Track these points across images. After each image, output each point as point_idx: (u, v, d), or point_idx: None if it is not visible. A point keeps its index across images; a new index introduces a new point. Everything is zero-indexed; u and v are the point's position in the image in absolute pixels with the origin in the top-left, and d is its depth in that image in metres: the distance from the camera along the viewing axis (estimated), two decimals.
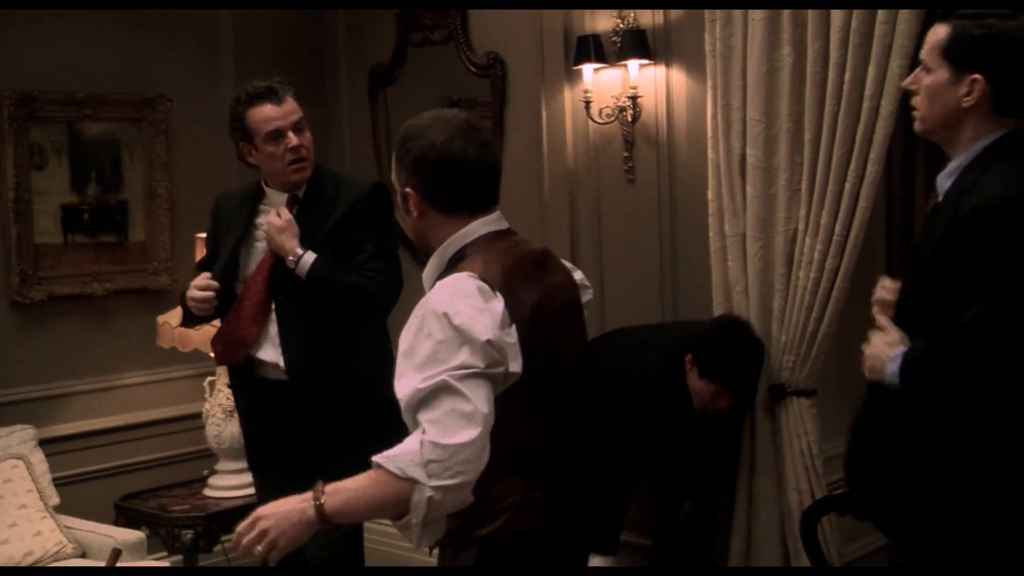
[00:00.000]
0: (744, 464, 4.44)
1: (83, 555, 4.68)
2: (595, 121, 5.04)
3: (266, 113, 3.86)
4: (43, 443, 4.98)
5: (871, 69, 4.03)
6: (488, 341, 2.34)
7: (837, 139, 4.13)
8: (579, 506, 2.69)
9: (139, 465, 5.50)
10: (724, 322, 4.35)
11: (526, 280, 2.54)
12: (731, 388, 4.16)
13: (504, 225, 2.64)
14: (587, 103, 5.02)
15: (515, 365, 2.42)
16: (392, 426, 2.51)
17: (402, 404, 2.34)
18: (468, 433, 2.27)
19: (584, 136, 5.14)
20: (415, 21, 5.79)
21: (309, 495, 2.37)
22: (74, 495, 5.07)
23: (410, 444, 2.30)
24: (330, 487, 2.37)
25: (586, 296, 2.96)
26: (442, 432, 2.27)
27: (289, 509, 2.37)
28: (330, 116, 6.21)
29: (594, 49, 4.94)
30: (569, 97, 5.17)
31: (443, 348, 2.32)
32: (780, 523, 4.38)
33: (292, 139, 3.87)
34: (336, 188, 4.00)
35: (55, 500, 4.84)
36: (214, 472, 5.16)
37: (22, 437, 4.94)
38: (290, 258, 3.85)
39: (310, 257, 3.84)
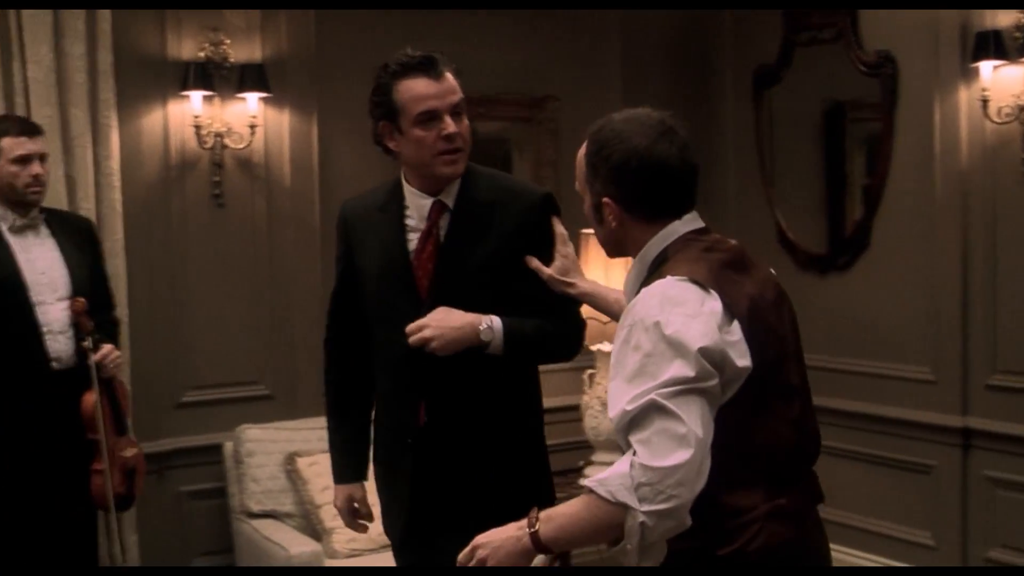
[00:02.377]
0: None
1: None
2: (992, 121, 4.81)
3: (419, 89, 2.99)
4: None
5: None
6: (701, 349, 2.15)
7: None
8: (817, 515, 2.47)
9: None
10: None
11: (736, 274, 2.35)
12: None
13: (701, 223, 2.46)
14: (984, 102, 4.79)
15: (743, 360, 2.23)
16: None
17: (612, 425, 2.20)
18: (681, 455, 2.10)
19: (980, 137, 4.91)
20: (802, 20, 5.71)
21: (524, 522, 2.28)
22: None
23: (620, 466, 2.15)
24: (544, 513, 2.27)
25: None
26: (653, 454, 2.11)
27: (505, 537, 2.28)
28: (713, 117, 6.21)
29: (994, 45, 4.72)
30: (965, 96, 4.95)
31: (652, 361, 2.16)
32: None
33: (449, 125, 2.99)
34: (495, 192, 3.14)
35: None
36: (590, 463, 5.26)
37: None
38: (482, 328, 2.99)
39: (497, 322, 3.01)
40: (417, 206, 3.10)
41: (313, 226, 5.38)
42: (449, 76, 3.02)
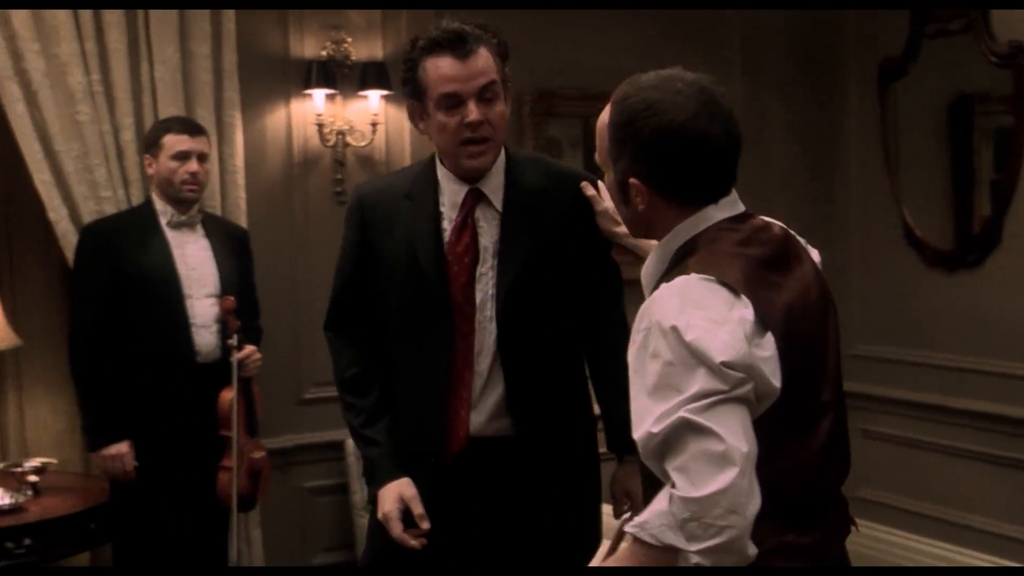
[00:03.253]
0: None
1: None
2: None
3: (443, 69, 2.71)
4: None
5: None
6: (724, 363, 1.84)
7: None
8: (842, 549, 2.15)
9: None
10: None
11: (774, 275, 2.01)
12: None
13: (740, 208, 2.11)
14: None
15: (775, 379, 1.92)
16: None
17: (639, 449, 1.90)
18: (724, 478, 1.79)
19: None
20: (930, 11, 5.57)
21: None
22: None
23: (659, 503, 1.85)
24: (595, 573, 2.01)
25: None
26: (691, 482, 1.80)
27: None
28: (836, 111, 6.10)
29: None
30: None
31: (674, 372, 1.85)
32: None
33: (472, 111, 2.72)
34: (542, 178, 2.90)
35: None
36: None
37: None
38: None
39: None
40: (451, 191, 2.84)
41: None
42: (482, 55, 2.74)
